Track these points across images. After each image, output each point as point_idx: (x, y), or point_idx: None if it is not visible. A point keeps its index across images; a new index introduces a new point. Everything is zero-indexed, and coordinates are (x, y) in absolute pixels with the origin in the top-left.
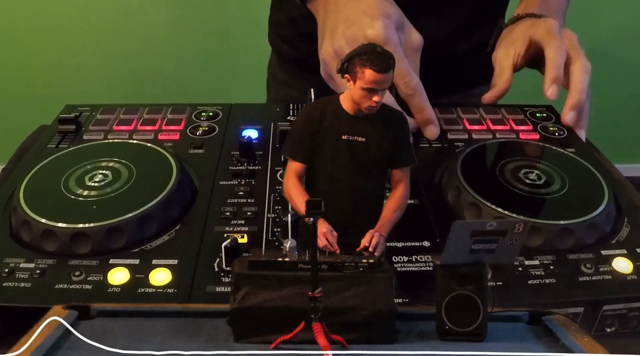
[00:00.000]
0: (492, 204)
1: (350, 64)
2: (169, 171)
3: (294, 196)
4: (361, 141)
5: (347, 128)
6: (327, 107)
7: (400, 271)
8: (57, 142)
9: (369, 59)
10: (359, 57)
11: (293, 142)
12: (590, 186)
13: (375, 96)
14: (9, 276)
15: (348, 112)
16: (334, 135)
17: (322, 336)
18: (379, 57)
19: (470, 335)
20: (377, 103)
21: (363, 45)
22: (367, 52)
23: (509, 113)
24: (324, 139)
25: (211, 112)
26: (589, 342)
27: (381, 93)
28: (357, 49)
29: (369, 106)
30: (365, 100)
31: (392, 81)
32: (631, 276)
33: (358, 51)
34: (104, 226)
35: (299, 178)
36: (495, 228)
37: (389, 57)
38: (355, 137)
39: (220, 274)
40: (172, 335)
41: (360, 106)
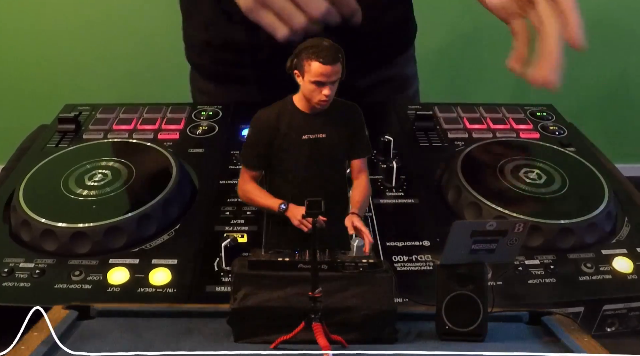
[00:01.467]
0: (492, 204)
1: (298, 59)
2: (168, 171)
3: (257, 197)
4: (322, 137)
5: (306, 127)
6: (282, 111)
7: (400, 271)
8: (56, 141)
9: (315, 52)
10: (306, 51)
11: (249, 151)
12: (590, 185)
13: (324, 88)
14: (9, 276)
15: (304, 111)
16: (295, 137)
17: (322, 336)
18: (325, 49)
19: (470, 335)
20: (328, 96)
21: (310, 39)
22: (314, 46)
23: (509, 112)
24: (284, 142)
25: (211, 112)
26: (589, 342)
27: (330, 86)
28: (304, 44)
29: (319, 100)
30: (315, 94)
31: (340, 74)
32: (631, 275)
33: (305, 46)
34: (103, 225)
35: (255, 182)
36: (495, 228)
37: (335, 49)
38: (317, 135)
39: (220, 274)
40: (172, 335)
41: (312, 101)
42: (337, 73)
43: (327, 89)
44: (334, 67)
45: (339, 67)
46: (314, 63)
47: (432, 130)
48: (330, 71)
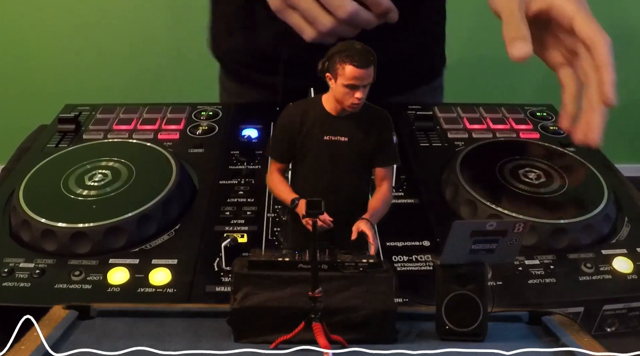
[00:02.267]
0: (487, 202)
1: (331, 62)
2: (168, 171)
3: (276, 189)
4: (343, 141)
5: (329, 129)
6: (309, 109)
7: (400, 271)
8: (56, 141)
9: (349, 55)
10: (339, 54)
11: (273, 143)
12: (589, 186)
13: (357, 92)
14: (9, 276)
15: (330, 112)
16: (317, 137)
17: (322, 336)
18: (359, 53)
19: (470, 335)
20: (360, 100)
21: (342, 42)
22: (347, 49)
23: (509, 112)
24: (306, 141)
25: (211, 112)
26: (589, 342)
27: (363, 89)
28: (337, 47)
29: (352, 103)
30: (348, 97)
31: (373, 77)
32: (631, 275)
33: (338, 49)
34: (103, 225)
35: (281, 174)
36: (495, 228)
37: (368, 52)
38: (338, 137)
39: (220, 274)
40: (172, 335)
41: (343, 103)
42: (370, 76)
43: (359, 93)
44: (368, 71)
45: (372, 70)
46: (347, 66)
47: (432, 130)
48: (364, 74)
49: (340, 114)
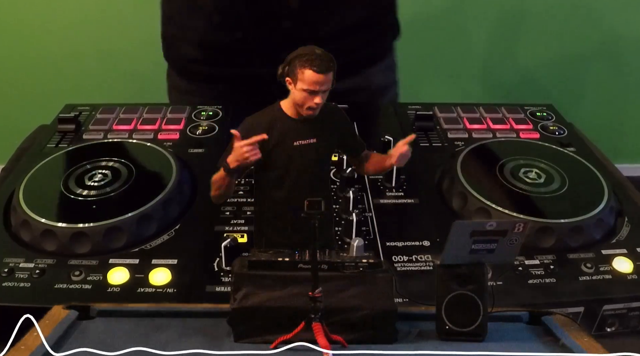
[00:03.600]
0: (500, 207)
1: (291, 67)
2: (168, 171)
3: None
4: (313, 142)
5: (298, 134)
6: (272, 118)
7: (400, 271)
8: (56, 141)
9: (309, 59)
10: (299, 58)
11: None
12: (591, 184)
13: (316, 97)
14: (9, 275)
15: (293, 117)
16: (286, 143)
17: (322, 336)
18: (319, 58)
19: (470, 335)
20: (318, 105)
21: (302, 47)
22: (307, 54)
23: (509, 112)
24: (276, 149)
25: (211, 112)
26: (589, 342)
27: (322, 95)
28: (297, 51)
29: (309, 107)
30: (307, 101)
31: (332, 82)
32: (631, 275)
33: (298, 53)
34: (103, 225)
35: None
36: (495, 228)
37: (328, 58)
38: (308, 140)
39: (220, 274)
40: (172, 335)
41: (302, 108)
42: (329, 82)
43: (318, 98)
44: (327, 76)
45: (331, 76)
46: (307, 71)
47: (432, 130)
48: (323, 80)
49: (301, 117)
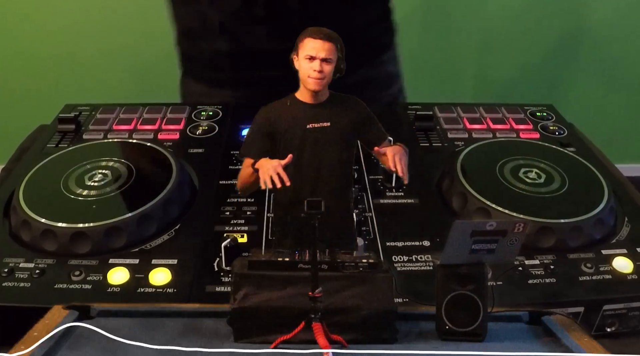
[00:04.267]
0: (500, 207)
1: (295, 45)
2: (168, 171)
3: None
4: (327, 126)
5: (310, 117)
6: (284, 104)
7: (400, 271)
8: (56, 141)
9: (309, 31)
10: (303, 32)
11: (251, 142)
12: (591, 184)
13: (314, 63)
14: (9, 276)
15: (306, 102)
16: (299, 127)
17: (322, 336)
18: (317, 29)
19: (470, 335)
20: (318, 73)
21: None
22: (308, 29)
23: (509, 112)
24: (288, 134)
25: (211, 112)
26: (589, 342)
27: (321, 63)
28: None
29: (310, 77)
30: (308, 70)
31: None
32: (631, 275)
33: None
34: (103, 225)
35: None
36: (495, 228)
37: (328, 31)
38: (322, 124)
39: (220, 274)
40: (172, 335)
41: (307, 82)
42: (328, 50)
43: (317, 64)
44: (325, 44)
45: (332, 46)
46: (306, 39)
47: (432, 130)
48: (320, 46)
49: (315, 101)
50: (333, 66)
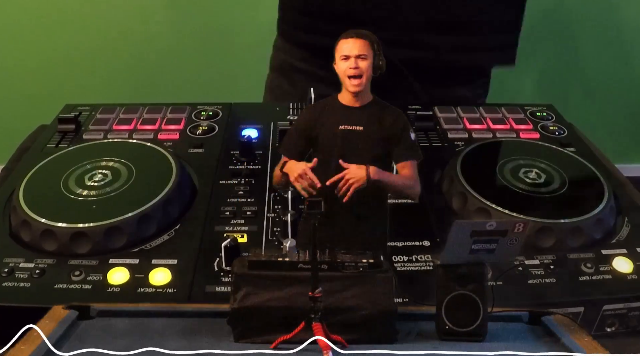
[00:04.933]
0: (500, 207)
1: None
2: (168, 171)
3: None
4: (359, 130)
5: (343, 119)
6: (325, 105)
7: (400, 271)
8: (56, 142)
9: (343, 34)
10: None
11: (288, 140)
12: (591, 184)
13: (350, 61)
14: (9, 276)
15: (345, 104)
16: (331, 127)
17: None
18: (350, 31)
19: (470, 335)
20: (355, 70)
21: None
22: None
23: (509, 112)
24: (322, 132)
25: (211, 112)
26: (589, 342)
27: (356, 60)
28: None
29: (348, 75)
30: (345, 70)
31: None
32: (631, 275)
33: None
34: (103, 225)
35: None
36: (495, 228)
37: (363, 32)
38: (353, 127)
39: (220, 274)
40: (172, 335)
41: (346, 82)
42: (361, 47)
43: (352, 62)
44: (357, 41)
45: (365, 43)
46: (339, 42)
47: (432, 130)
48: (353, 44)
49: (354, 104)
50: (369, 62)
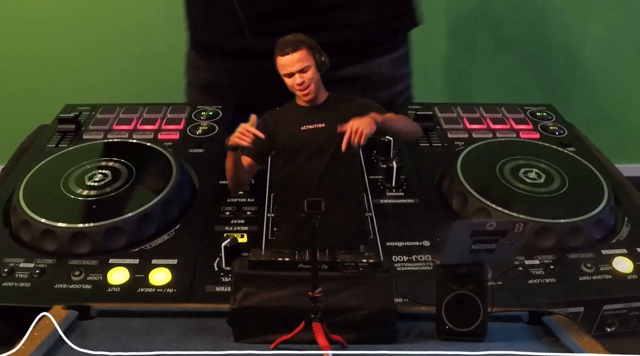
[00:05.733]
0: (500, 207)
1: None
2: (168, 171)
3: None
4: (321, 127)
5: (306, 119)
6: (285, 109)
7: (400, 270)
8: (56, 142)
9: (278, 48)
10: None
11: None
12: (591, 184)
13: (294, 78)
14: (9, 276)
15: (303, 106)
16: (292, 128)
17: (322, 336)
18: (283, 43)
19: (470, 335)
20: (302, 84)
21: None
22: (277, 43)
23: (509, 112)
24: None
25: (211, 112)
26: (589, 342)
27: (300, 74)
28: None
29: (297, 91)
30: (292, 86)
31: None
32: (631, 275)
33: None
34: (103, 225)
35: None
36: (495, 228)
37: (295, 40)
38: (315, 125)
39: (220, 274)
40: (172, 335)
41: (296, 93)
42: (298, 61)
43: (297, 78)
44: (294, 55)
45: (302, 54)
46: (277, 59)
47: (432, 130)
48: (290, 60)
49: (312, 104)
50: (313, 70)
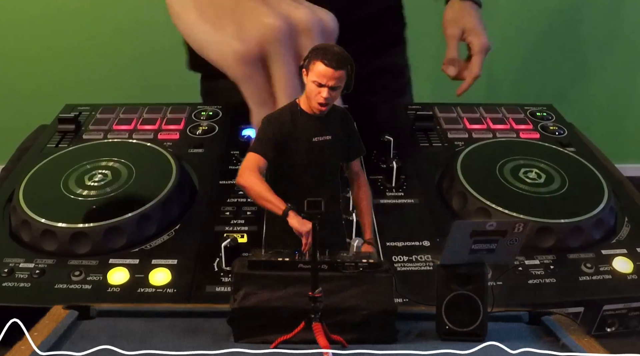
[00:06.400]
0: (500, 207)
1: (308, 58)
2: (168, 171)
3: (266, 194)
4: (329, 140)
5: (315, 130)
6: (293, 113)
7: (400, 271)
8: (56, 142)
9: (323, 53)
10: (316, 51)
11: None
12: (591, 184)
13: (323, 91)
14: (9, 276)
15: (309, 113)
16: (306, 139)
17: (322, 336)
18: (332, 53)
19: (470, 335)
20: (325, 100)
21: (324, 43)
22: (324, 48)
23: (509, 112)
24: (294, 143)
25: (211, 112)
26: (589, 342)
27: (329, 91)
28: (318, 45)
29: (317, 102)
30: (315, 94)
31: (343, 82)
32: (631, 275)
33: (317, 47)
34: (103, 225)
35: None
36: (495, 228)
37: (344, 57)
38: (325, 137)
39: (220, 274)
40: (172, 335)
41: (311, 101)
42: (338, 79)
43: (325, 92)
44: (336, 72)
45: (342, 74)
46: (318, 63)
47: (432, 130)
48: (331, 74)
49: (320, 113)
50: (340, 90)
